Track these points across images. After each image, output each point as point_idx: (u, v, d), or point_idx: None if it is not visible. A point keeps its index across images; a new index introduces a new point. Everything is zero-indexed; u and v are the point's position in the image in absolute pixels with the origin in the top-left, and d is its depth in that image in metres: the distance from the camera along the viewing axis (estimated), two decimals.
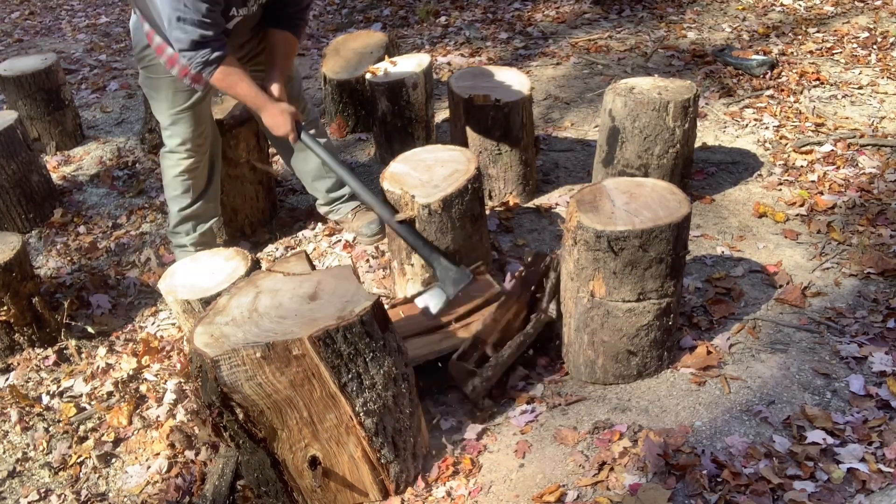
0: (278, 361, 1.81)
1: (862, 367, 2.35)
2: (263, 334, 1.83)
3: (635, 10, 5.57)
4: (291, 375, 1.84)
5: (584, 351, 2.36)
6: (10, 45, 6.11)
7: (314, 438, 1.97)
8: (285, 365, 1.82)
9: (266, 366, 1.81)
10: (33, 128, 4.16)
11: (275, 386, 1.84)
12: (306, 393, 1.88)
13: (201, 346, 1.82)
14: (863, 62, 4.46)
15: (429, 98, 3.68)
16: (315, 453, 1.99)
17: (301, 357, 1.82)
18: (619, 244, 2.11)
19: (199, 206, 3.02)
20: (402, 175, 2.65)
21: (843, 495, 1.94)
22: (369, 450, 2.00)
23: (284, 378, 1.84)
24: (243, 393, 1.84)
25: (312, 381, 1.86)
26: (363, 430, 1.96)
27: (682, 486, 1.99)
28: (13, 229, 3.51)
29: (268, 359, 1.80)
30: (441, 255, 2.47)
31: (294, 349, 1.80)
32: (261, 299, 1.97)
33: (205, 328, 1.89)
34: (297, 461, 2.00)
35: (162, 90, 2.75)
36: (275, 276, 2.07)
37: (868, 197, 3.22)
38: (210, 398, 1.87)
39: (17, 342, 2.85)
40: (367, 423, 1.95)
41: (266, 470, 2.01)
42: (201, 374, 1.85)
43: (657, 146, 3.03)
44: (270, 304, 1.95)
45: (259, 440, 1.94)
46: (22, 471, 2.44)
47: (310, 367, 1.84)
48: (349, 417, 1.94)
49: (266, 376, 1.82)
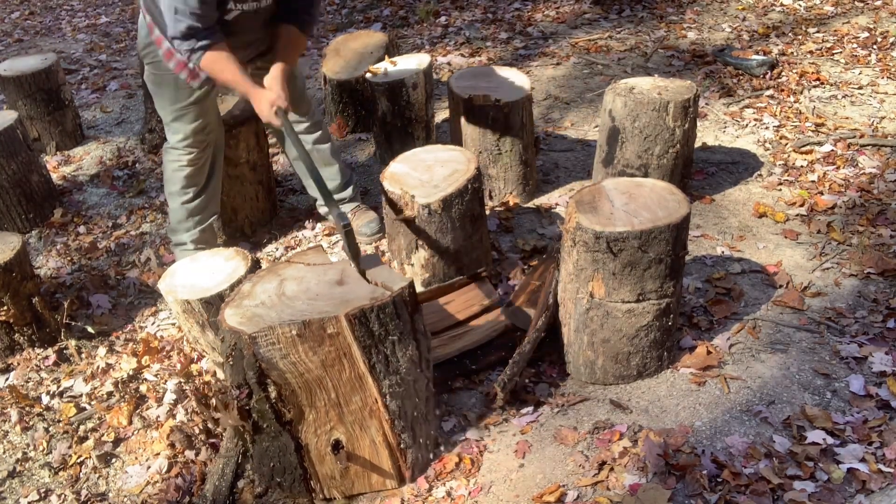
0: (312, 340, 1.85)
1: (862, 367, 2.35)
2: (298, 314, 1.87)
3: (635, 10, 5.57)
4: (323, 355, 1.88)
5: (584, 351, 2.36)
6: (10, 45, 6.11)
7: (339, 421, 2.00)
8: (318, 344, 1.86)
9: (300, 344, 1.85)
10: (33, 128, 4.16)
11: (307, 365, 1.88)
12: (336, 373, 1.92)
13: (235, 325, 1.86)
14: (863, 62, 4.46)
15: (429, 98, 3.68)
16: (339, 437, 2.03)
17: (335, 336, 1.86)
18: (618, 245, 2.11)
19: (199, 202, 3.03)
20: (402, 175, 2.65)
21: (843, 495, 1.94)
22: (391, 434, 2.04)
23: (316, 357, 1.88)
24: (279, 369, 1.87)
25: (343, 360, 1.90)
26: (387, 412, 2.00)
27: (682, 486, 1.99)
28: (13, 229, 3.51)
29: (303, 337, 1.84)
30: (333, 202, 2.47)
31: (329, 327, 1.84)
32: (287, 285, 2.01)
33: (234, 310, 1.92)
34: (321, 445, 2.03)
35: (165, 86, 2.77)
36: (296, 266, 2.10)
37: (868, 197, 3.22)
38: (241, 378, 1.90)
39: (17, 342, 2.85)
40: (391, 406, 2.00)
41: (287, 456, 2.03)
42: (234, 353, 1.88)
43: (657, 146, 3.03)
44: (298, 289, 1.99)
45: (286, 422, 1.97)
46: (22, 471, 2.44)
47: (342, 346, 1.88)
48: (374, 400, 1.98)
49: (299, 355, 1.86)
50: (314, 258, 2.15)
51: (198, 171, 2.96)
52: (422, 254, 2.66)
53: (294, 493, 2.10)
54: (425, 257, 2.66)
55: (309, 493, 2.11)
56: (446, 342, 2.48)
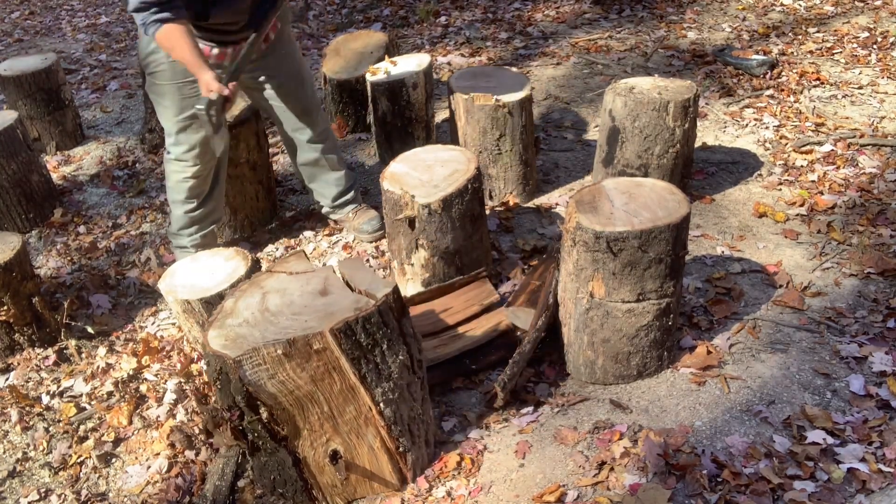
0: (299, 357, 1.82)
1: (862, 367, 2.35)
2: (282, 331, 1.83)
3: (635, 10, 5.57)
4: (312, 370, 1.85)
5: (584, 351, 2.36)
6: (10, 45, 6.11)
7: (335, 432, 1.98)
8: (306, 360, 1.83)
9: (287, 362, 1.81)
10: (33, 128, 4.16)
11: (296, 382, 1.85)
12: (326, 387, 1.89)
13: (219, 349, 1.81)
14: (863, 62, 4.46)
15: (429, 98, 3.68)
16: (336, 447, 2.01)
17: (322, 351, 1.83)
18: (618, 245, 2.11)
19: (203, 211, 3.02)
20: (402, 175, 2.66)
21: (843, 495, 1.94)
22: (388, 439, 2.02)
23: (305, 373, 1.85)
24: (267, 391, 1.85)
25: (333, 374, 1.88)
26: (383, 419, 1.98)
27: (682, 486, 1.99)
28: (13, 229, 3.51)
29: (289, 355, 1.80)
30: None
31: (315, 343, 1.81)
32: (269, 299, 1.97)
33: (217, 331, 1.88)
34: (318, 457, 2.01)
35: (168, 96, 2.74)
36: (278, 276, 2.06)
37: (868, 197, 3.22)
38: (231, 400, 1.87)
39: (17, 342, 2.85)
40: (386, 413, 1.98)
41: (286, 469, 2.02)
42: (221, 378, 1.85)
43: (657, 146, 3.03)
44: (281, 302, 1.95)
45: (280, 439, 1.95)
46: (22, 471, 2.44)
47: (330, 360, 1.85)
48: (368, 408, 1.95)
49: (287, 373, 1.83)
50: (296, 265, 2.10)
51: (202, 182, 2.95)
52: (422, 254, 2.66)
53: (298, 502, 2.10)
54: (425, 257, 2.66)
55: (312, 502, 2.10)
56: (446, 342, 2.48)
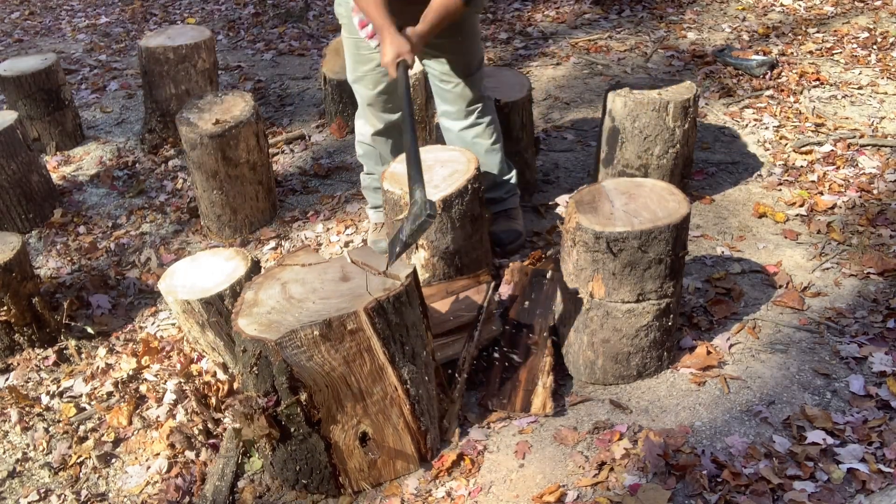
0: (334, 339, 1.86)
1: (862, 367, 2.36)
2: (315, 314, 1.87)
3: (635, 10, 5.57)
4: (345, 351, 1.89)
5: (584, 352, 2.36)
6: (10, 45, 6.11)
7: (364, 414, 2.02)
8: (339, 341, 1.87)
9: (322, 344, 1.85)
10: (33, 128, 4.16)
11: (331, 364, 1.90)
12: (357, 367, 1.94)
13: (256, 334, 1.84)
14: (863, 62, 4.46)
15: (429, 98, 3.68)
16: (365, 429, 2.04)
17: (355, 332, 1.87)
18: (618, 245, 2.11)
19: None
20: (402, 175, 2.65)
21: (843, 495, 1.94)
22: (411, 419, 2.06)
23: (339, 355, 1.89)
24: (309, 371, 1.88)
25: (364, 354, 1.92)
26: (408, 399, 2.02)
27: (682, 487, 1.99)
28: (13, 229, 3.51)
29: (326, 336, 1.84)
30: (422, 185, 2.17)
31: (349, 324, 1.85)
32: (290, 288, 2.00)
33: (247, 320, 1.90)
34: (349, 440, 2.04)
35: (348, 50, 2.84)
36: (292, 269, 2.09)
37: (868, 197, 3.22)
38: (269, 385, 1.90)
39: (17, 342, 2.85)
40: (411, 392, 2.02)
41: (316, 455, 2.04)
42: (259, 362, 1.87)
43: (657, 146, 3.03)
44: (304, 290, 1.98)
45: (315, 423, 1.98)
46: (22, 471, 2.44)
47: (362, 340, 1.89)
48: (394, 388, 2.00)
49: (322, 355, 1.87)
50: (307, 258, 2.13)
51: (383, 141, 2.99)
52: (422, 254, 2.66)
53: (322, 492, 2.11)
54: (425, 257, 2.66)
55: (338, 489, 2.12)
56: (447, 344, 2.47)
